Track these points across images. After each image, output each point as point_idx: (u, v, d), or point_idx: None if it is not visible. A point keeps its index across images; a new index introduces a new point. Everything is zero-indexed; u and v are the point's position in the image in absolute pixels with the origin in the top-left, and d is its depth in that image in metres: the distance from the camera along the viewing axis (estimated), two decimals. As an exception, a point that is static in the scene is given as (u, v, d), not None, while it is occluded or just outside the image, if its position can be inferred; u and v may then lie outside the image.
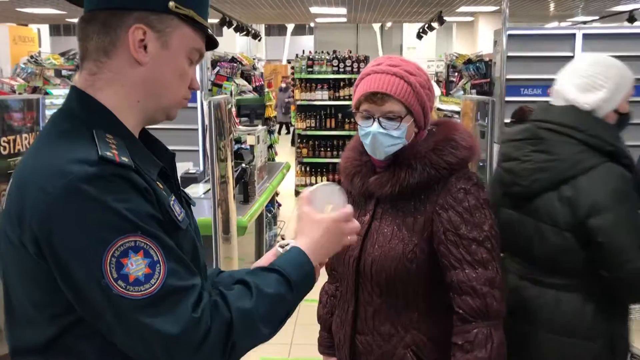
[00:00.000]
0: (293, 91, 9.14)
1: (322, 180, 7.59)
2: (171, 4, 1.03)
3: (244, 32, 11.71)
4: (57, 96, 6.72)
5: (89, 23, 1.05)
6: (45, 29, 16.35)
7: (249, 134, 4.39)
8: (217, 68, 5.72)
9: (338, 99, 8.53)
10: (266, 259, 1.25)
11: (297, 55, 9.00)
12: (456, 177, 1.55)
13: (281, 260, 1.12)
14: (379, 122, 1.55)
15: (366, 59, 9.02)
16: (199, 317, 0.94)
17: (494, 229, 1.55)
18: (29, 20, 13.78)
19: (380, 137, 1.55)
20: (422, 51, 19.81)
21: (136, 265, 0.92)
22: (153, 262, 0.93)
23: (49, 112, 6.54)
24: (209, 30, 1.12)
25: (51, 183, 0.92)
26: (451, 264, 1.52)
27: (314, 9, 11.68)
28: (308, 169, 8.73)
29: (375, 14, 13.31)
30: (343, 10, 12.03)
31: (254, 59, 7.06)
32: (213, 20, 11.64)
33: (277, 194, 7.42)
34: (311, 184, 8.68)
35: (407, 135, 1.57)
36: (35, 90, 6.14)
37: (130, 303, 0.91)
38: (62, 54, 6.97)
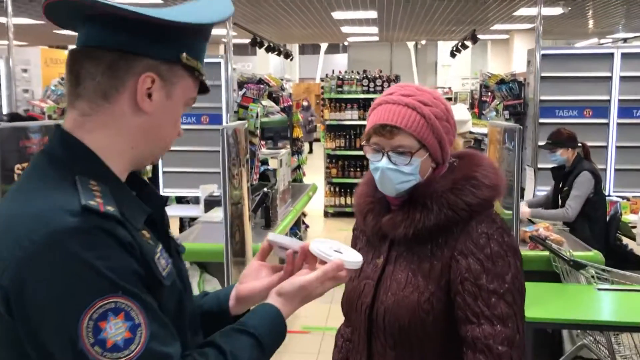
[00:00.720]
0: (322, 111, 9.07)
1: (351, 200, 7.48)
2: (183, 55, 1.00)
3: (276, 52, 11.78)
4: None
5: (92, 61, 0.97)
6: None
7: (272, 157, 4.30)
8: (244, 90, 5.68)
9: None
10: (252, 272, 1.20)
11: (326, 74, 8.95)
12: (477, 220, 1.41)
13: (256, 321, 1.05)
14: (388, 157, 1.42)
15: (397, 78, 8.91)
16: None
17: (518, 281, 1.39)
18: (66, 42, 14.15)
19: (389, 173, 1.43)
20: (457, 69, 19.60)
21: (115, 329, 0.84)
22: (134, 326, 0.86)
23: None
24: (205, 80, 1.09)
25: (27, 234, 0.85)
26: (467, 318, 1.37)
27: (345, 29, 11.66)
28: (337, 189, 8.63)
29: (407, 33, 13.23)
30: (375, 30, 11.98)
31: (282, 79, 7.01)
32: (244, 40, 11.74)
33: (304, 215, 7.35)
34: (340, 205, 8.63)
35: (421, 171, 1.44)
36: (64, 112, 6.21)
37: None
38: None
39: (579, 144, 4.15)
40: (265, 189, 4.05)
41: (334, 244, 1.18)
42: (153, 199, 1.09)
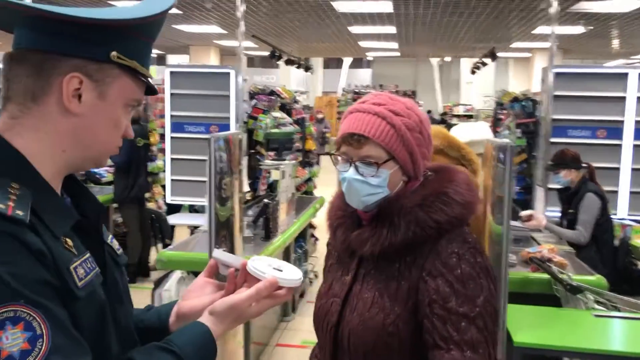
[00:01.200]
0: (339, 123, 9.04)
1: None
2: (113, 54, 0.96)
3: (295, 65, 11.84)
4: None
5: (19, 63, 0.96)
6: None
7: (274, 169, 4.29)
8: (254, 101, 5.69)
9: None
10: (196, 288, 1.17)
11: (343, 89, 8.95)
12: (448, 239, 1.33)
13: (183, 339, 1.01)
14: (356, 168, 1.37)
15: (413, 93, 8.87)
16: None
17: (490, 304, 1.32)
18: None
19: (355, 184, 1.37)
20: (480, 86, 19.45)
21: (12, 340, 0.80)
22: (35, 337, 0.82)
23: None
24: (149, 80, 1.06)
25: None
26: (435, 343, 1.29)
27: (364, 44, 11.66)
28: (349, 203, 8.53)
29: (428, 49, 13.18)
30: (395, 45, 11.95)
31: (295, 92, 7.01)
32: (263, 53, 11.83)
33: (313, 227, 7.29)
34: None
35: (391, 184, 1.38)
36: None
37: None
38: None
39: (584, 165, 4.04)
40: (265, 200, 4.02)
41: (274, 262, 1.14)
42: (90, 205, 1.07)
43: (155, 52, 15.68)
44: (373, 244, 1.36)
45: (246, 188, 5.39)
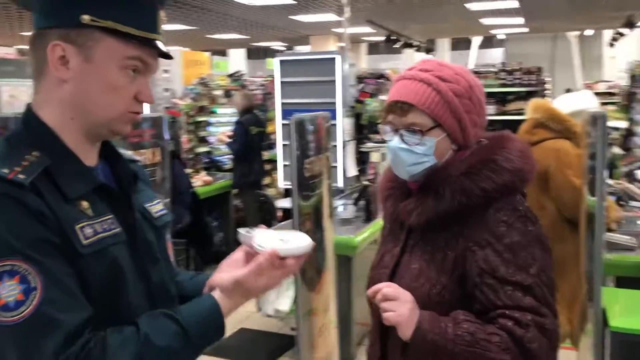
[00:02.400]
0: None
1: None
2: (85, 17, 1.00)
3: (415, 48, 11.64)
4: (223, 114, 7.29)
5: (28, 44, 1.07)
6: (242, 52, 17.88)
7: (372, 151, 4.28)
8: (362, 85, 5.70)
9: (505, 113, 8.00)
10: (232, 261, 1.16)
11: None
12: (496, 207, 1.28)
13: (189, 310, 1.05)
14: (401, 136, 1.34)
15: (539, 70, 8.33)
16: None
17: (545, 275, 1.25)
18: (220, 45, 15.22)
19: (401, 153, 1.34)
20: (623, 61, 17.75)
21: (9, 291, 0.89)
22: (28, 289, 0.90)
23: (214, 129, 6.98)
24: (139, 38, 1.04)
25: None
26: (487, 312, 1.25)
27: (485, 21, 11.14)
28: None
29: (561, 22, 12.26)
30: (520, 20, 11.28)
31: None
32: (379, 38, 11.73)
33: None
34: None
35: (438, 153, 1.34)
36: (201, 109, 6.73)
37: (3, 326, 0.89)
38: (230, 75, 7.55)
39: None
40: (365, 182, 4.03)
41: (284, 234, 1.13)
42: (123, 171, 1.15)
43: (279, 45, 16.19)
44: (418, 214, 1.34)
45: (353, 172, 5.44)
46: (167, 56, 1.10)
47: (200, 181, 5.69)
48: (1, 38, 12.53)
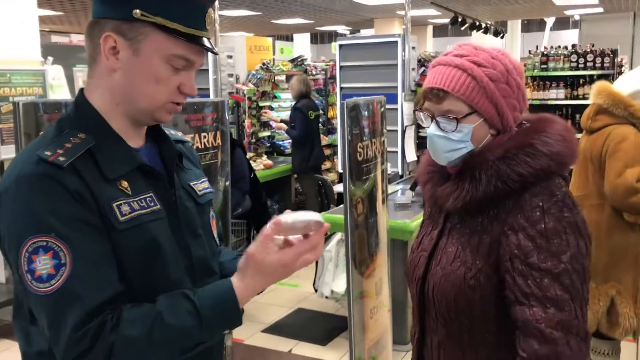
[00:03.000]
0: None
1: None
2: (136, 11, 1.06)
3: (482, 30, 11.28)
4: (285, 99, 7.38)
5: (85, 32, 1.15)
6: (307, 37, 17.96)
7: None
8: (423, 68, 5.63)
9: (576, 97, 7.68)
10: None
11: (529, 51, 8.36)
12: (532, 192, 1.27)
13: (205, 292, 1.08)
14: (437, 123, 1.35)
15: (613, 52, 7.93)
16: (78, 337, 0.97)
17: (578, 262, 1.23)
18: (285, 30, 15.34)
19: (437, 140, 1.35)
20: None
21: (43, 264, 0.98)
22: (59, 264, 0.98)
23: (276, 114, 7.08)
24: (186, 35, 1.09)
25: (7, 176, 1.04)
26: (517, 299, 1.24)
27: (558, 1, 10.66)
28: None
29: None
30: (594, 0, 10.74)
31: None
32: (443, 20, 11.41)
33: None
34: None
35: (475, 139, 1.34)
36: (263, 94, 6.84)
37: (34, 296, 0.99)
38: (292, 61, 7.61)
39: None
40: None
41: (302, 214, 1.13)
42: (167, 152, 1.22)
43: (344, 28, 16.12)
44: (455, 199, 1.35)
45: (413, 157, 5.40)
46: (213, 52, 1.15)
47: (261, 165, 5.81)
48: (78, 26, 13.12)
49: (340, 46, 5.65)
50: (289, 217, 1.09)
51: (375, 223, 2.94)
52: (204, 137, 3.24)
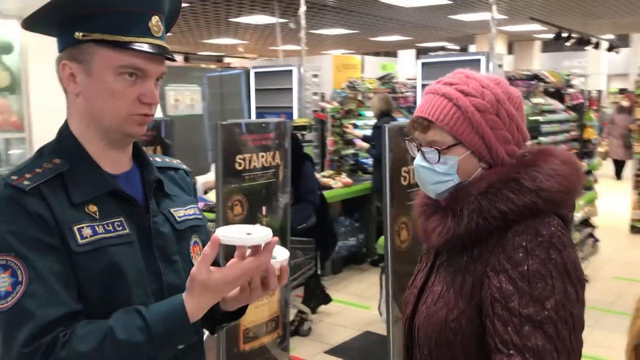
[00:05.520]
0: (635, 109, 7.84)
1: None
2: (78, 34, 1.10)
3: (592, 45, 10.63)
4: (370, 117, 7.34)
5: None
6: (412, 53, 17.74)
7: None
8: (509, 87, 5.38)
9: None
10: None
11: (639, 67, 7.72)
12: (515, 231, 1.17)
13: (158, 308, 1.08)
14: (422, 154, 1.29)
15: None
16: (28, 352, 0.99)
17: (565, 310, 1.11)
18: (387, 47, 15.31)
19: (422, 171, 1.29)
20: None
21: (2, 281, 1.01)
22: (16, 282, 1.01)
23: (361, 131, 7.04)
24: (131, 44, 1.10)
25: None
26: (496, 346, 1.14)
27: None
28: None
29: None
30: None
31: (567, 76, 6.31)
32: (548, 35, 10.85)
33: (592, 226, 6.50)
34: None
35: (463, 172, 1.26)
36: (348, 112, 6.84)
37: None
38: (380, 79, 7.56)
39: None
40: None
41: (248, 228, 1.09)
42: (148, 178, 1.23)
43: (448, 45, 15.80)
44: (439, 234, 1.27)
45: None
46: (169, 58, 1.15)
47: (339, 183, 5.80)
48: (179, 45, 13.93)
49: (423, 64, 5.54)
50: (227, 236, 1.06)
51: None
52: (262, 156, 3.29)
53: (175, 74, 6.03)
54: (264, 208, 3.33)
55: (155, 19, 1.14)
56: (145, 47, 1.12)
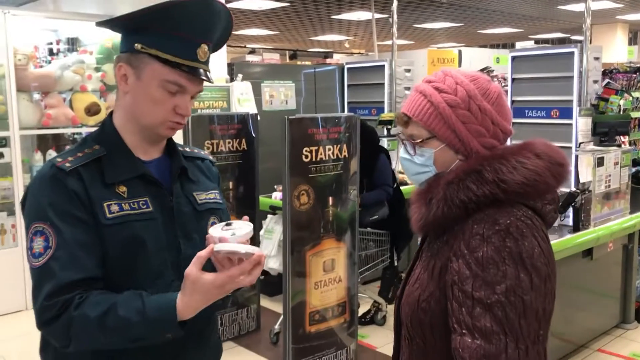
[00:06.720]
0: None
1: None
2: (137, 45, 1.29)
3: None
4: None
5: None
6: (529, 45, 16.98)
7: (582, 154, 3.86)
8: (607, 81, 5.08)
9: None
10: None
11: None
12: (475, 219, 1.24)
13: (157, 298, 1.23)
14: (405, 147, 1.41)
15: None
16: (48, 305, 1.19)
17: (515, 295, 1.17)
18: (497, 39, 14.76)
19: (404, 162, 1.42)
20: None
21: (37, 244, 1.24)
22: (47, 246, 1.23)
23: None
24: (179, 65, 1.29)
25: (34, 176, 1.36)
26: (452, 325, 1.23)
27: None
28: None
29: None
30: None
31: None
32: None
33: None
34: None
35: (440, 163, 1.36)
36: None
37: (30, 267, 1.26)
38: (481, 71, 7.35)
39: None
40: (572, 189, 3.70)
41: (234, 224, 1.24)
42: (174, 165, 1.43)
43: (561, 36, 14.94)
44: (415, 221, 1.38)
45: (588, 178, 4.91)
46: (207, 80, 1.34)
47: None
48: (288, 43, 14.37)
49: (514, 58, 5.38)
50: (222, 245, 1.19)
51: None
52: (329, 149, 3.44)
53: (272, 71, 6.32)
54: (330, 199, 3.50)
55: (204, 47, 1.33)
56: (190, 70, 1.31)
